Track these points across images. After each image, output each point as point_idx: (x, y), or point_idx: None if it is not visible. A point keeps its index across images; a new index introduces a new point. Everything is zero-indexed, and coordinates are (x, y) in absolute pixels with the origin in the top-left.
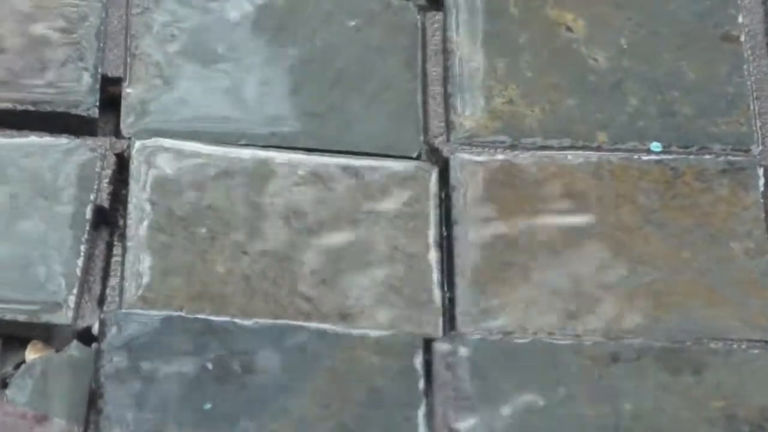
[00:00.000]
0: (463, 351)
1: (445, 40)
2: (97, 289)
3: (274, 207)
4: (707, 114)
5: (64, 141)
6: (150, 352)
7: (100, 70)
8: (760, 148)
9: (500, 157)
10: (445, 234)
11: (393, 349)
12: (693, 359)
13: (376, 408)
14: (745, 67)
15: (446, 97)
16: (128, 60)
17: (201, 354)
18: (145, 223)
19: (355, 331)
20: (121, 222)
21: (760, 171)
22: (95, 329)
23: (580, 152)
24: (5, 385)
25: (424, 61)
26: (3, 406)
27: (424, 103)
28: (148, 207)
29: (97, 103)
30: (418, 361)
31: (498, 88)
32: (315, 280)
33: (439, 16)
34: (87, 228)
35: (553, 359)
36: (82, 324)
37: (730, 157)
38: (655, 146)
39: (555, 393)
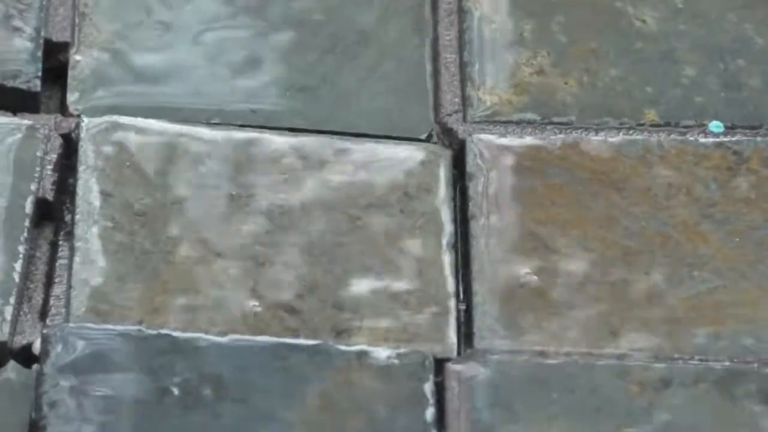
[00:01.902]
0: (482, 373)
1: None
2: (38, 298)
3: (254, 199)
4: None
5: None
6: (102, 374)
7: (42, 33)
8: None
9: (528, 139)
10: (460, 232)
11: (398, 371)
12: (760, 384)
13: None
14: None
15: (462, 66)
16: (77, 21)
17: (164, 377)
18: (98, 218)
19: (352, 350)
20: (68, 217)
21: None
22: (36, 347)
23: (624, 133)
24: None
25: (435, 23)
26: None
27: (435, 74)
28: (100, 200)
29: (40, 74)
30: (428, 385)
31: (525, 56)
32: (303, 288)
33: None
34: (26, 225)
35: (592, 384)
36: (20, 341)
37: None
38: (716, 126)
39: (593, 425)
